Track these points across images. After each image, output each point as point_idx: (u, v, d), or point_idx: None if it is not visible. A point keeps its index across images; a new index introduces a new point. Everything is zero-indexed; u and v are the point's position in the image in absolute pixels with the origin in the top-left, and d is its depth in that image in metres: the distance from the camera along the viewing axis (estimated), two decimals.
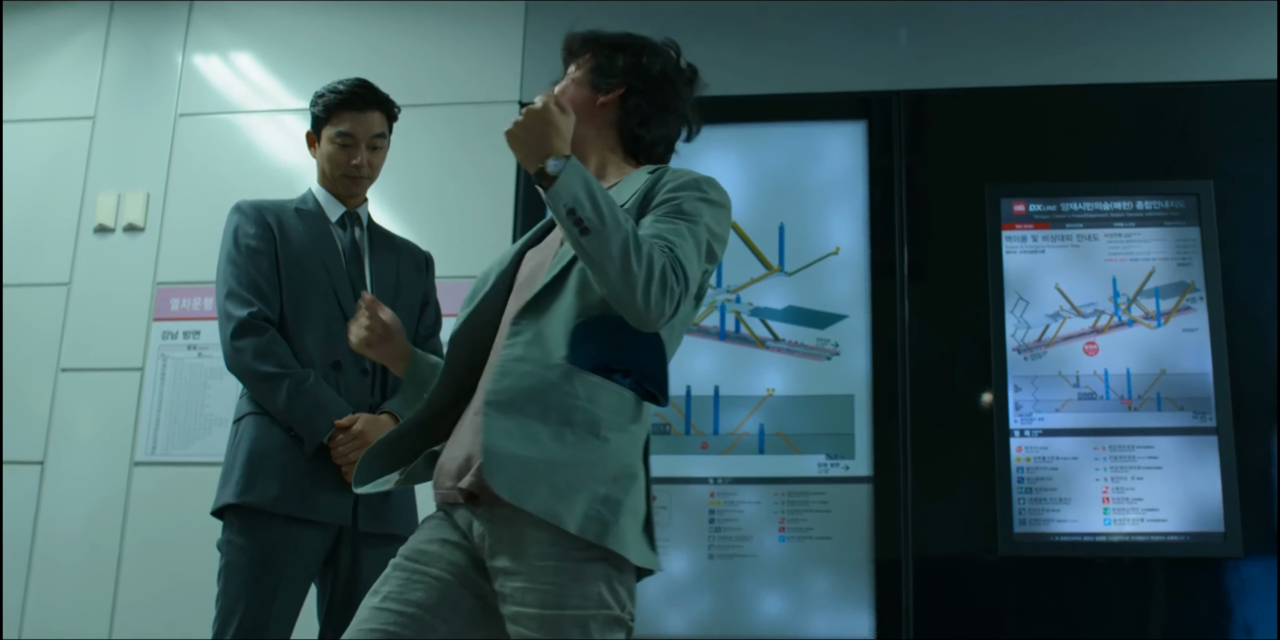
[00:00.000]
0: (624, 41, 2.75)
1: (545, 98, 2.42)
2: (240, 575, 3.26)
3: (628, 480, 2.31)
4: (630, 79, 2.70)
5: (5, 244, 5.55)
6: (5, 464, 5.31)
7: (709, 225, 2.45)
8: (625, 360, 2.36)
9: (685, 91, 2.79)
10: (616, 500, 2.27)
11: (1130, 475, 4.68)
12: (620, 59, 2.72)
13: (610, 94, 2.68)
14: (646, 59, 2.73)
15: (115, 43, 5.78)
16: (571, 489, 2.25)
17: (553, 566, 2.26)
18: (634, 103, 2.68)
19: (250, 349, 3.34)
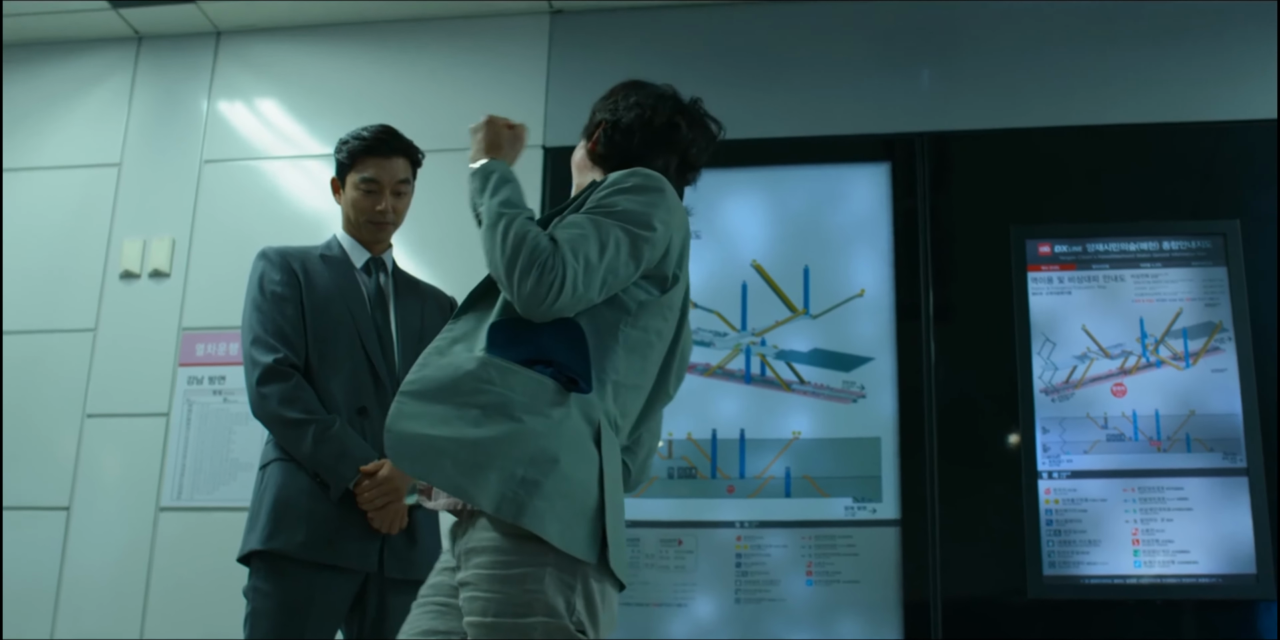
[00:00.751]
0: (609, 93, 2.88)
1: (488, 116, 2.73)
2: (267, 622, 3.25)
3: (546, 464, 2.30)
4: (604, 115, 2.82)
5: (32, 290, 5.58)
6: (31, 510, 5.31)
7: (625, 209, 2.50)
8: (544, 352, 2.40)
9: (659, 116, 2.83)
10: (534, 481, 2.27)
11: (1160, 517, 4.65)
12: (602, 109, 2.84)
13: (594, 138, 2.81)
14: (619, 96, 2.85)
15: (141, 90, 5.82)
16: (479, 467, 2.28)
17: (495, 575, 2.29)
18: (603, 135, 2.78)
19: (276, 395, 3.34)
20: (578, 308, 2.42)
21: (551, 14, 5.60)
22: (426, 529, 3.47)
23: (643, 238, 2.49)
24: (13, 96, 5.91)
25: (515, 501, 2.25)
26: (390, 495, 3.30)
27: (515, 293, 2.38)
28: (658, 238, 2.52)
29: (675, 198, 2.62)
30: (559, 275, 2.36)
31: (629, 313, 2.51)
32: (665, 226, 2.54)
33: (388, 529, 3.32)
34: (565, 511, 2.29)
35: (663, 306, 2.57)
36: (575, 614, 2.28)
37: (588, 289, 2.40)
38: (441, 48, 5.66)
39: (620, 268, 2.46)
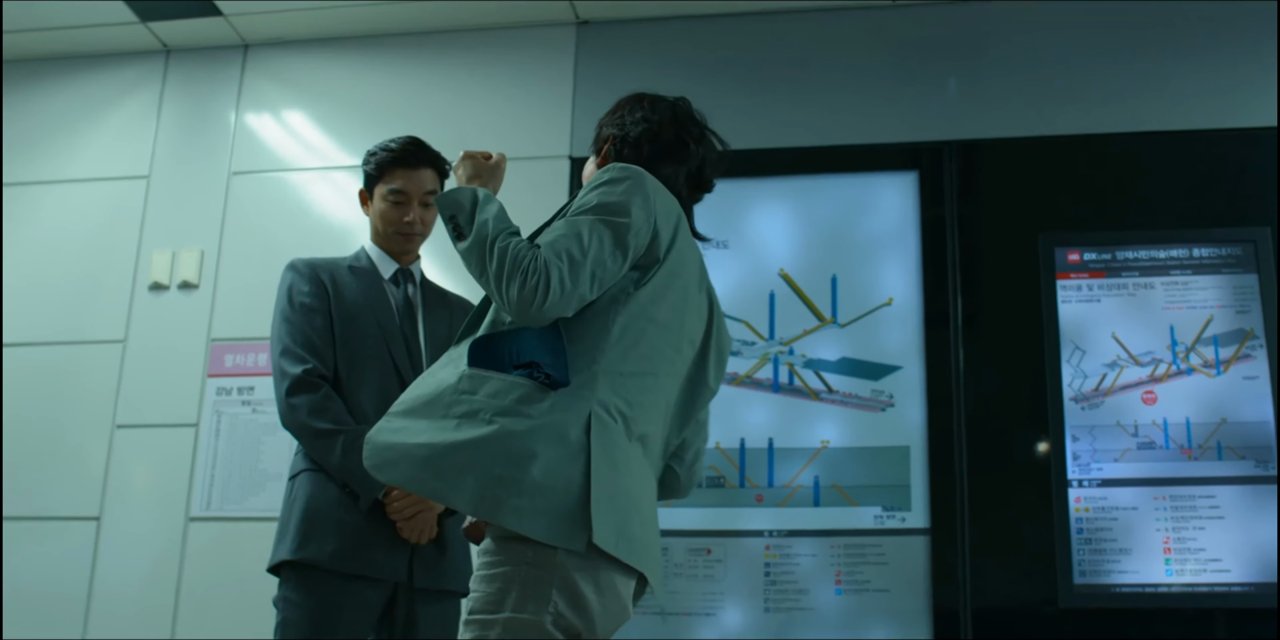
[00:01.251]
0: (616, 106, 2.94)
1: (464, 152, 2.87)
2: (297, 632, 3.25)
3: (524, 460, 2.32)
4: (611, 131, 2.88)
5: (62, 302, 5.61)
6: (62, 520, 5.33)
7: (601, 203, 2.54)
8: (522, 356, 2.44)
9: (671, 126, 2.87)
10: (511, 479, 2.30)
11: (1192, 525, 4.63)
12: (609, 124, 2.90)
13: (602, 153, 2.88)
14: (625, 110, 2.90)
15: (169, 103, 5.85)
16: (456, 470, 2.33)
17: (479, 575, 2.37)
18: (613, 148, 2.84)
19: (305, 406, 3.35)
20: (572, 306, 2.45)
21: (577, 25, 5.61)
22: (455, 539, 3.47)
23: (623, 226, 2.52)
24: (42, 110, 5.95)
25: (493, 500, 2.29)
26: (419, 505, 3.31)
27: (505, 301, 2.43)
28: (637, 223, 2.54)
29: (655, 184, 2.64)
30: (543, 276, 2.39)
31: (616, 302, 2.53)
32: (644, 212, 2.56)
33: (417, 539, 3.33)
34: (548, 505, 2.31)
35: (653, 293, 2.57)
36: (552, 606, 2.30)
37: (576, 285, 2.43)
38: (468, 59, 5.68)
39: (607, 259, 2.49)
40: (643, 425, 2.54)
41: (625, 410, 2.49)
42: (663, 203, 2.62)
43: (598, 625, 2.35)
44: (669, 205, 2.65)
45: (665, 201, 2.64)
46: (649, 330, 2.55)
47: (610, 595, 2.37)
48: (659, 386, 2.59)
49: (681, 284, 2.64)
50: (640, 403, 2.53)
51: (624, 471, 2.44)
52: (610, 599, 2.37)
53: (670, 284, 2.60)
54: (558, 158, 5.41)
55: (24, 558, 5.31)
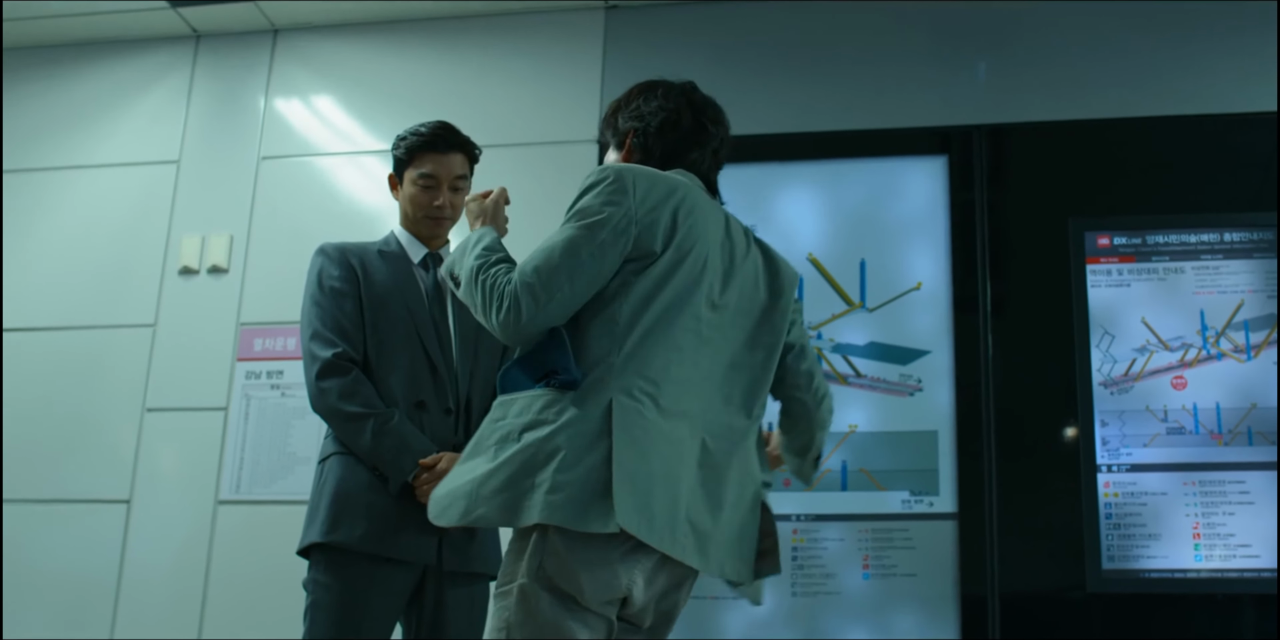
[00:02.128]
0: (622, 99, 2.99)
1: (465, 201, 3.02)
2: (326, 614, 3.27)
3: (549, 461, 2.45)
4: (631, 123, 2.91)
5: (93, 286, 5.64)
6: (92, 503, 5.36)
7: (578, 209, 2.66)
8: (535, 370, 2.59)
9: (689, 111, 2.93)
10: (540, 481, 2.44)
11: (1221, 510, 4.61)
12: (620, 117, 2.95)
13: (625, 146, 2.92)
14: (639, 101, 2.94)
15: (199, 88, 5.87)
16: (495, 492, 2.47)
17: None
18: (638, 141, 2.89)
19: (335, 389, 3.36)
20: (555, 314, 2.59)
21: (606, 9, 5.61)
22: None
23: (596, 224, 2.61)
24: (73, 95, 5.98)
25: (526, 507, 2.44)
26: None
27: (492, 328, 2.63)
28: (612, 218, 2.62)
29: (645, 177, 2.69)
30: (513, 299, 2.57)
31: (619, 294, 2.62)
32: (619, 206, 2.63)
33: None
34: (579, 494, 2.42)
35: (659, 277, 2.63)
36: (543, 572, 2.48)
37: (550, 297, 2.57)
38: (497, 43, 5.68)
39: (587, 261, 2.59)
40: (680, 400, 2.59)
41: (652, 390, 2.55)
42: (656, 193, 2.67)
43: (600, 589, 2.51)
44: (666, 192, 2.69)
45: (660, 190, 2.68)
46: (663, 311, 2.61)
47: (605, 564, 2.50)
48: (690, 359, 2.64)
49: (694, 259, 2.67)
50: (672, 377, 2.59)
51: (651, 451, 2.51)
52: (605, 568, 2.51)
53: (678, 263, 2.65)
54: (586, 142, 5.40)
55: (55, 540, 5.34)
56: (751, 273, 2.82)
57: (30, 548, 5.35)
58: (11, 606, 5.26)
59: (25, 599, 5.28)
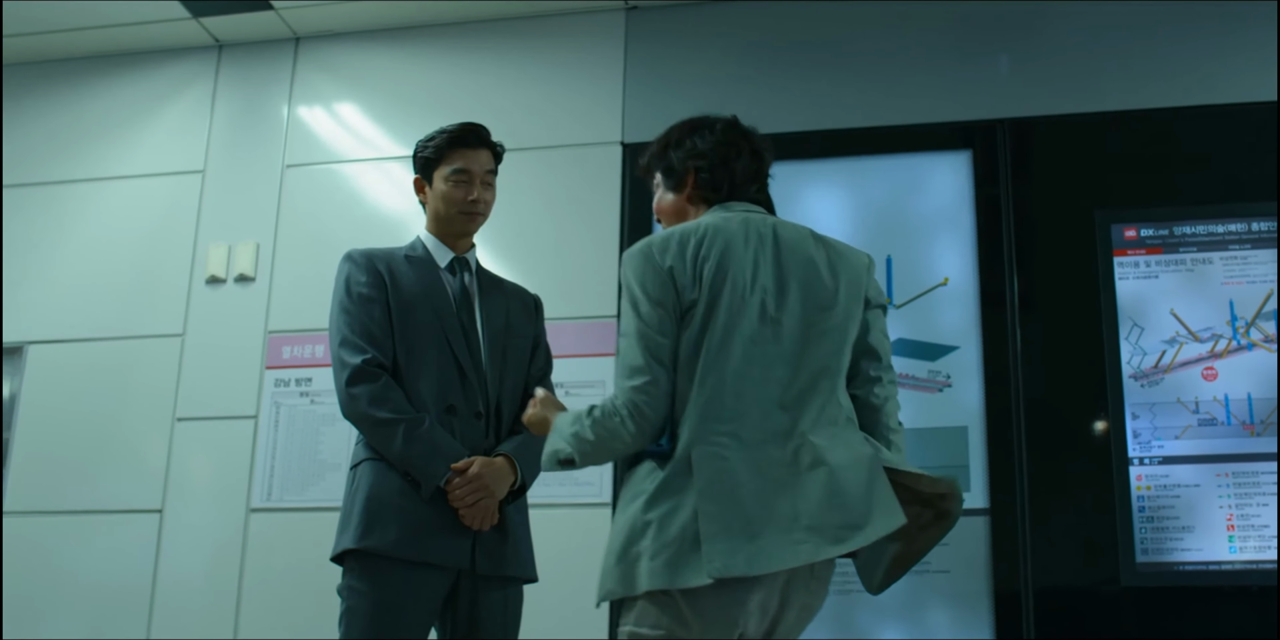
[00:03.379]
0: (670, 138, 3.05)
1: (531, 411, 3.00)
2: (362, 620, 3.27)
3: (643, 527, 2.63)
4: (691, 163, 2.99)
5: (120, 297, 5.67)
6: (125, 513, 5.39)
7: (628, 299, 2.80)
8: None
9: (745, 142, 3.03)
10: (640, 552, 2.62)
11: (1255, 502, 4.59)
12: (674, 156, 3.02)
13: (686, 186, 2.99)
14: (693, 139, 3.01)
15: (222, 97, 5.89)
16: (614, 565, 2.65)
17: None
18: (704, 177, 2.97)
19: (365, 396, 3.36)
20: (662, 402, 2.71)
21: (627, 10, 5.61)
22: (518, 525, 3.49)
23: (646, 304, 2.77)
24: (98, 107, 6.02)
25: (640, 576, 2.60)
26: (481, 492, 3.32)
27: (631, 444, 2.72)
28: (659, 296, 2.76)
29: (661, 242, 2.80)
30: (623, 416, 2.69)
31: (681, 357, 2.74)
32: (656, 282, 2.77)
33: (479, 526, 3.34)
34: (675, 556, 2.58)
35: (700, 323, 2.74)
36: (630, 632, 2.67)
37: (653, 389, 2.70)
38: (518, 47, 5.69)
39: (656, 338, 2.74)
40: (764, 423, 2.69)
41: (730, 427, 2.67)
42: (674, 254, 2.78)
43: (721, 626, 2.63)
44: (686, 246, 2.79)
45: (678, 249, 2.78)
46: (717, 350, 2.71)
47: (711, 611, 2.62)
48: (759, 381, 2.71)
49: (730, 289, 2.75)
50: (746, 406, 2.69)
51: (740, 489, 2.62)
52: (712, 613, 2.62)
53: (714, 302, 2.75)
54: (610, 144, 5.41)
55: (89, 551, 5.37)
56: (813, 274, 2.86)
57: (64, 559, 5.38)
58: (47, 617, 5.29)
59: (60, 610, 5.31)
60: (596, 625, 4.87)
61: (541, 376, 3.68)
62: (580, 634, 4.86)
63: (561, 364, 4.06)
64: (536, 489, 3.60)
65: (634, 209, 5.32)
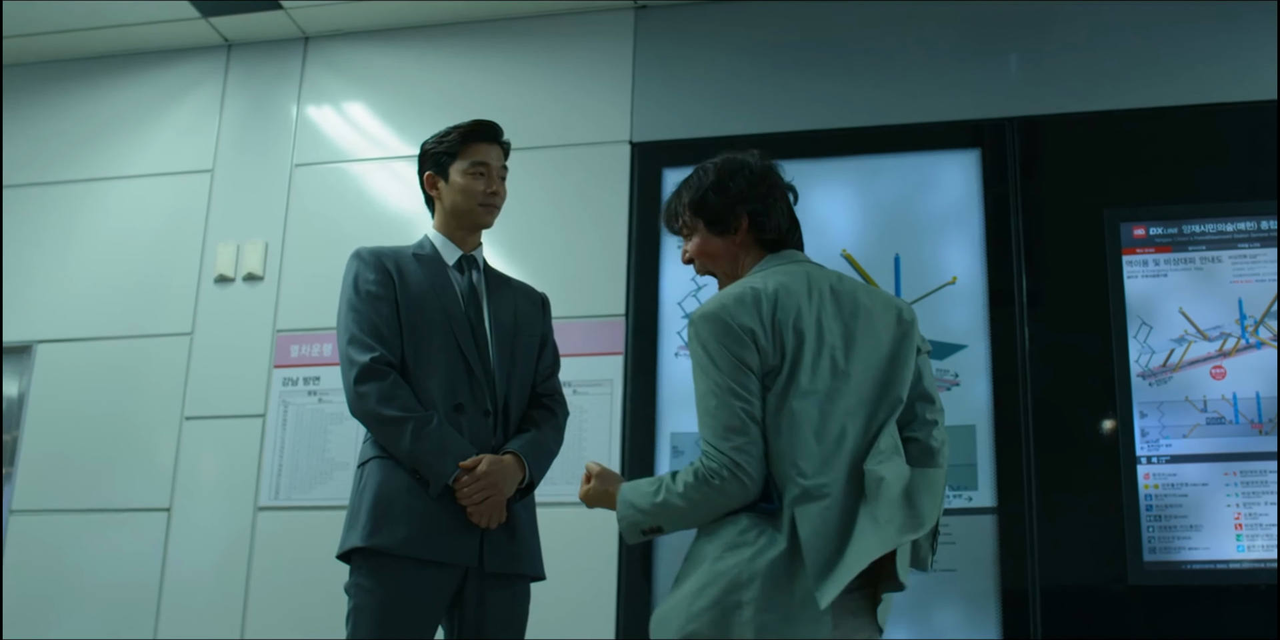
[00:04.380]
0: (707, 182, 3.03)
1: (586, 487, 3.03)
2: (369, 618, 3.27)
3: (749, 578, 2.72)
4: (743, 207, 3.00)
5: (129, 297, 5.68)
6: (133, 511, 5.40)
7: (710, 363, 2.81)
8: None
9: (782, 183, 3.08)
10: (744, 602, 2.70)
11: (1263, 501, 4.59)
12: (719, 200, 3.01)
13: (739, 231, 3.00)
14: (734, 182, 3.01)
15: (231, 97, 5.90)
16: (705, 609, 2.72)
17: None
18: (759, 221, 3.00)
19: (374, 393, 3.36)
20: (757, 456, 2.76)
21: (636, 9, 5.62)
22: (526, 523, 3.49)
23: (730, 366, 2.79)
24: (107, 107, 6.04)
25: (742, 623, 2.68)
26: (489, 490, 3.32)
27: (722, 507, 2.77)
28: (738, 355, 2.79)
29: (734, 305, 2.83)
30: (725, 476, 2.73)
31: (767, 416, 2.80)
32: (736, 344, 2.79)
33: (487, 523, 3.34)
34: (791, 612, 2.69)
35: (785, 381, 2.80)
36: None
37: (747, 447, 2.75)
38: (527, 46, 5.69)
39: (746, 403, 2.77)
40: (839, 481, 2.78)
41: (820, 482, 2.75)
42: (751, 317, 2.81)
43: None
44: (761, 307, 2.83)
45: (754, 311, 2.82)
46: (800, 410, 2.79)
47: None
48: (832, 443, 2.81)
49: (807, 348, 2.82)
50: (828, 465, 2.79)
51: (838, 540, 2.73)
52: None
53: (795, 363, 2.81)
54: (618, 143, 5.42)
55: (97, 550, 5.38)
56: (871, 325, 2.93)
57: (73, 557, 5.39)
58: (56, 615, 5.31)
59: (69, 608, 5.32)
60: (603, 624, 4.88)
61: (549, 374, 3.69)
62: (587, 633, 4.86)
63: (569, 363, 4.06)
64: (544, 488, 3.60)
65: (642, 208, 5.32)
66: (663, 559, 4.94)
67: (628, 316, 5.21)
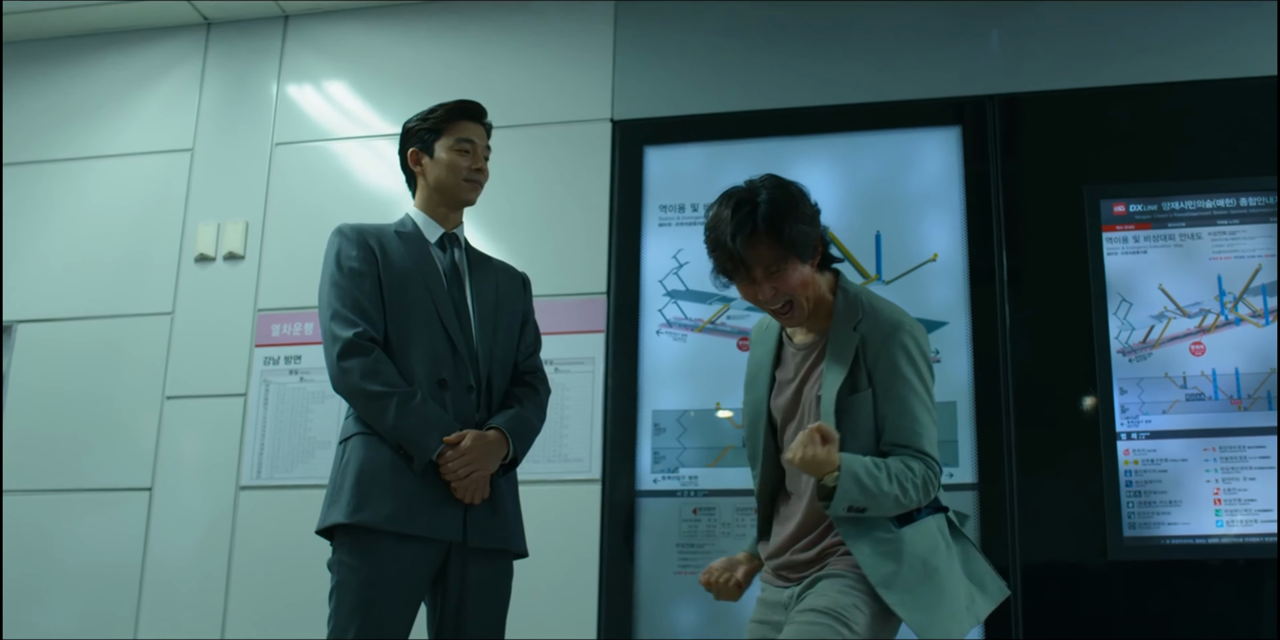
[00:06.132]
0: (795, 212, 3.04)
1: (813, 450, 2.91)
2: (353, 594, 3.27)
3: (966, 581, 3.10)
4: (819, 229, 3.11)
5: (109, 276, 5.66)
6: (115, 491, 5.39)
7: (919, 372, 3.07)
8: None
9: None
10: (971, 597, 3.07)
11: (1242, 476, 4.61)
12: (806, 229, 3.05)
13: (817, 255, 3.12)
14: (802, 205, 3.07)
15: (211, 76, 5.88)
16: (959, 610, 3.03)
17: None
18: (828, 242, 3.17)
19: (357, 369, 3.36)
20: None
21: None
22: (509, 499, 3.50)
23: (931, 385, 3.12)
24: (86, 86, 6.01)
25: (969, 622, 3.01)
26: (473, 464, 3.33)
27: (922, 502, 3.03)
28: (932, 374, 3.14)
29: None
30: (935, 478, 3.02)
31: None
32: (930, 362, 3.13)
33: (471, 499, 3.35)
34: (978, 595, 3.06)
35: None
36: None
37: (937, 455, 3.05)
38: (507, 24, 5.68)
39: (934, 408, 3.10)
40: None
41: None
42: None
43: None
44: None
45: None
46: None
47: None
48: None
49: None
50: None
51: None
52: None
53: None
54: (600, 121, 5.41)
55: (79, 530, 5.37)
56: None
57: (55, 537, 5.38)
58: (38, 596, 5.30)
59: (51, 588, 5.31)
60: (585, 601, 4.89)
61: (531, 352, 3.70)
62: (569, 609, 4.87)
63: (550, 341, 4.07)
64: (525, 466, 3.61)
65: (623, 186, 5.32)
66: (644, 537, 4.95)
67: (609, 294, 5.21)
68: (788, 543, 3.14)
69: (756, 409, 3.27)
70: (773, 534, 3.23)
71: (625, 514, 4.98)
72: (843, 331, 3.08)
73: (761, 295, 3.05)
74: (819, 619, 2.87)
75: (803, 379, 3.16)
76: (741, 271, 3.04)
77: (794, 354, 3.21)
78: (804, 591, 3.02)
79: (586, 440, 5.06)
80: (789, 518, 3.17)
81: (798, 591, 3.05)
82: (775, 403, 3.23)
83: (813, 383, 3.12)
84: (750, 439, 3.32)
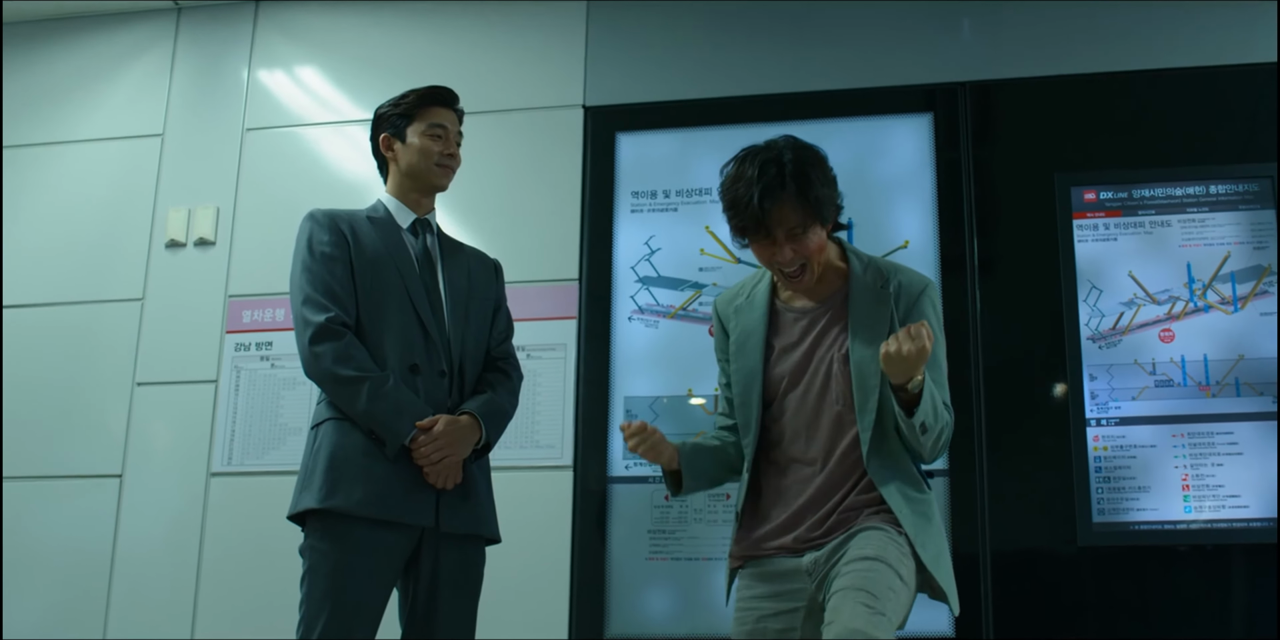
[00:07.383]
0: (818, 176, 3.06)
1: (922, 342, 2.84)
2: (325, 580, 3.27)
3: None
4: (837, 194, 3.14)
5: (79, 262, 5.64)
6: (85, 478, 5.37)
7: (941, 329, 3.13)
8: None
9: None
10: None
11: (1210, 462, 4.64)
12: (822, 190, 3.05)
13: (831, 221, 3.13)
14: (826, 168, 3.12)
15: (181, 60, 5.85)
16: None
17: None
18: (841, 209, 3.20)
19: (329, 354, 3.36)
20: None
21: None
22: (481, 484, 3.51)
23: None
24: (54, 70, 5.96)
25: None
26: (446, 449, 3.33)
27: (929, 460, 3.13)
28: None
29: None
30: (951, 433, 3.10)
31: None
32: None
33: (443, 484, 3.35)
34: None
35: None
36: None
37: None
38: (479, 9, 5.66)
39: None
40: None
41: None
42: None
43: None
44: None
45: None
46: None
47: None
48: None
49: None
50: None
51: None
52: None
53: None
54: (572, 107, 5.41)
55: (49, 516, 5.35)
56: None
57: (24, 524, 5.35)
58: (7, 582, 5.28)
59: (21, 575, 5.29)
60: (557, 587, 4.89)
61: (503, 339, 3.70)
62: (541, 595, 4.88)
63: (523, 327, 4.07)
64: (497, 452, 3.62)
65: (595, 172, 5.31)
66: (615, 523, 4.96)
67: (581, 281, 5.21)
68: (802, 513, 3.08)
69: (750, 376, 3.19)
70: (769, 509, 3.14)
71: (597, 500, 4.98)
72: (865, 293, 3.10)
73: (780, 257, 3.01)
74: (876, 566, 2.84)
75: (814, 343, 3.12)
76: (762, 233, 3.00)
77: (795, 319, 3.18)
78: (843, 544, 2.95)
79: (558, 426, 5.06)
80: (797, 488, 3.11)
81: (834, 545, 2.97)
82: (775, 370, 3.16)
83: (828, 346, 3.10)
84: (742, 408, 3.21)
